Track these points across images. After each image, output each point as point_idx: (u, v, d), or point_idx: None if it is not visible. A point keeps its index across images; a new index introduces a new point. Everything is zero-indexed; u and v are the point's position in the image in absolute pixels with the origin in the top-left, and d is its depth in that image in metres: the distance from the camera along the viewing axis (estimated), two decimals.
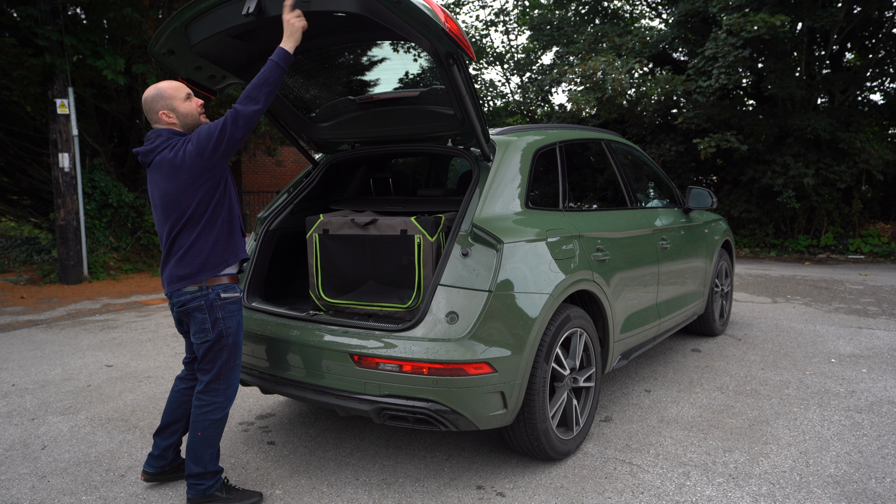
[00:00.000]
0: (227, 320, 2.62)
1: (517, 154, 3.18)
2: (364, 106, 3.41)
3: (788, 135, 11.71)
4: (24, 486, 2.93)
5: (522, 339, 2.74)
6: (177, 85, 2.66)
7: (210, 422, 2.63)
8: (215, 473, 2.67)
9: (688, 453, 3.17)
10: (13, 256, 11.15)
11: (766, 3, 10.77)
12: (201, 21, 2.76)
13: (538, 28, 15.72)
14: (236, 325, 2.65)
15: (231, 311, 2.64)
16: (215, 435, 2.65)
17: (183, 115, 2.63)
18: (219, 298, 2.60)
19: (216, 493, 2.66)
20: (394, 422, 2.69)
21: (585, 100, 11.53)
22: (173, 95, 2.62)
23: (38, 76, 8.61)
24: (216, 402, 2.64)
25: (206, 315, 2.59)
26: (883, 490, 2.78)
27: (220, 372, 2.64)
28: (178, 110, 2.62)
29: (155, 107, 2.61)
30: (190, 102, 2.65)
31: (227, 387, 2.67)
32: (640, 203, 4.29)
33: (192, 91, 2.70)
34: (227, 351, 2.63)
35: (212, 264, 2.59)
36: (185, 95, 2.65)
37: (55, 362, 4.99)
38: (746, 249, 12.34)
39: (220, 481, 2.69)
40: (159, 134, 2.59)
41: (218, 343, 2.61)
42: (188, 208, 2.54)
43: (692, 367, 4.63)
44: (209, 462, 2.64)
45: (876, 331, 5.70)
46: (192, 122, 2.65)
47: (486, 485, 2.88)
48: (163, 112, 2.61)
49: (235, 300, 2.66)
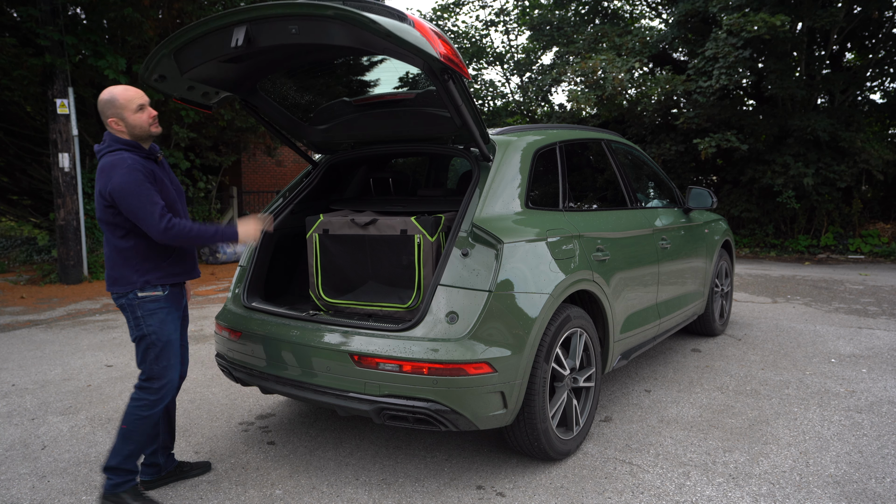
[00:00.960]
0: (147, 318, 2.64)
1: (517, 154, 3.18)
2: (360, 108, 3.41)
3: (788, 135, 11.71)
4: (24, 486, 2.93)
5: (522, 339, 2.74)
6: (131, 95, 2.64)
7: (137, 417, 2.62)
8: (129, 472, 2.64)
9: (688, 453, 3.17)
10: (13, 256, 11.16)
11: (766, 3, 10.77)
12: (190, 49, 2.78)
13: (538, 28, 15.72)
14: (159, 324, 2.65)
15: (150, 310, 2.64)
16: (139, 432, 2.62)
17: (131, 126, 2.63)
18: (136, 297, 2.63)
19: (123, 495, 2.62)
20: (394, 422, 2.69)
21: (585, 98, 11.53)
22: (124, 106, 2.62)
23: (39, 76, 8.61)
24: (147, 400, 2.64)
25: (129, 314, 2.66)
26: (883, 490, 2.78)
27: (151, 370, 2.65)
28: (126, 121, 2.62)
29: (106, 112, 2.63)
30: (141, 114, 2.64)
31: (163, 385, 2.67)
32: (640, 203, 4.29)
33: (147, 102, 2.67)
34: (153, 349, 2.64)
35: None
36: (137, 107, 2.63)
37: (55, 362, 4.99)
38: (746, 249, 12.34)
39: (133, 483, 2.66)
40: (105, 139, 2.65)
41: (143, 341, 2.64)
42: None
43: (692, 367, 4.63)
44: (125, 458, 2.62)
45: (876, 331, 5.70)
46: (141, 133, 2.65)
47: (486, 485, 2.88)
48: (112, 120, 2.62)
49: (155, 298, 2.66)
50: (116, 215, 2.58)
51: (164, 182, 2.68)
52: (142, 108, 2.65)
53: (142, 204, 2.50)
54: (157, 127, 2.70)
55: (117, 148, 2.60)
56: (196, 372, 4.68)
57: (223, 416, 3.78)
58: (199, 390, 4.26)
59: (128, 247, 2.62)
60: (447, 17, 17.40)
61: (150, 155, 2.69)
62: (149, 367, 2.65)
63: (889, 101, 12.60)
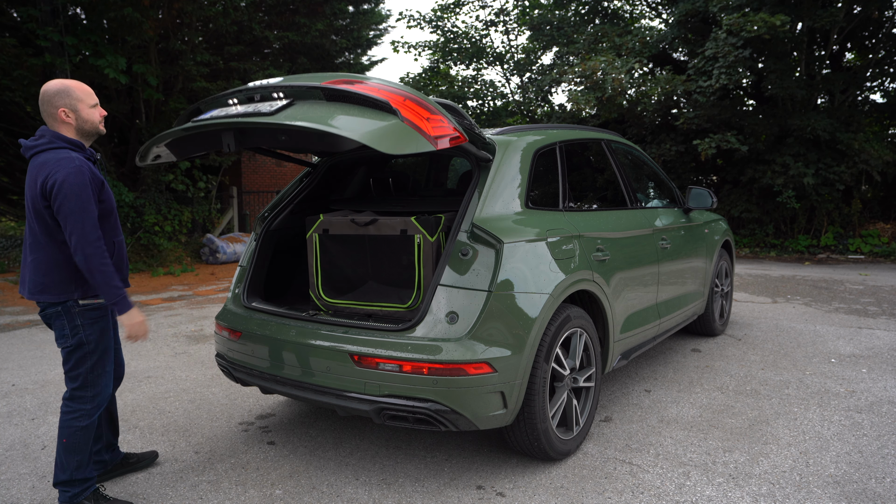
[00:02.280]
0: (88, 328, 2.54)
1: (517, 154, 3.18)
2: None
3: (788, 135, 11.71)
4: (24, 486, 2.93)
5: (522, 339, 2.74)
6: (87, 90, 2.57)
7: (75, 429, 2.54)
8: (84, 481, 2.59)
9: (688, 453, 3.17)
10: (13, 256, 11.15)
11: (766, 2, 10.77)
12: (183, 141, 2.84)
13: (538, 28, 15.72)
14: (100, 333, 2.56)
15: (92, 318, 2.55)
16: (82, 442, 2.56)
17: (83, 120, 2.54)
18: (76, 305, 2.52)
19: (84, 502, 2.58)
20: (394, 422, 2.69)
21: (585, 99, 11.53)
22: (81, 98, 2.52)
23: (39, 76, 8.61)
24: (82, 410, 2.56)
25: (65, 321, 2.53)
26: (883, 490, 2.78)
27: (85, 379, 2.56)
28: (79, 113, 2.52)
29: (56, 102, 2.49)
30: (95, 110, 2.58)
31: (97, 393, 2.59)
32: (640, 203, 4.29)
33: (98, 102, 2.63)
34: (90, 358, 2.55)
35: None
36: (94, 103, 2.58)
37: (55, 362, 4.99)
38: (746, 249, 12.34)
39: (91, 489, 2.62)
40: (43, 134, 2.51)
41: (78, 350, 2.54)
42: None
43: (692, 367, 4.63)
44: (75, 470, 2.55)
45: (876, 331, 5.70)
46: (91, 129, 2.58)
47: (486, 485, 2.88)
48: (63, 110, 2.49)
49: (97, 306, 2.56)
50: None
51: (104, 184, 2.56)
52: (95, 105, 2.59)
53: (82, 206, 2.38)
54: (103, 127, 2.64)
55: (61, 146, 2.47)
56: (196, 372, 4.68)
57: (223, 416, 3.78)
58: (199, 390, 4.26)
59: (67, 253, 2.47)
60: (447, 17, 17.40)
61: (90, 156, 2.59)
62: (84, 376, 2.55)
63: (889, 101, 12.61)
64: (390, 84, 2.55)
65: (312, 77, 2.67)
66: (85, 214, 2.39)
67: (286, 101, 2.53)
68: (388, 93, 2.43)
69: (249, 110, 2.57)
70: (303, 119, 2.36)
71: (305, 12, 11.39)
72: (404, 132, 2.31)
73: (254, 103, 2.66)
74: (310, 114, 2.42)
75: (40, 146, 2.48)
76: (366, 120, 2.33)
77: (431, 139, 2.35)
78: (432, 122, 2.41)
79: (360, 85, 2.51)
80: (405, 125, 2.32)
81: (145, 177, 10.70)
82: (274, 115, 2.45)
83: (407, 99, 2.42)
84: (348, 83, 2.53)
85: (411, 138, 2.31)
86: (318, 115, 2.41)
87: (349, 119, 2.34)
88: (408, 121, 2.34)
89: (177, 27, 10.08)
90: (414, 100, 2.44)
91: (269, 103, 2.57)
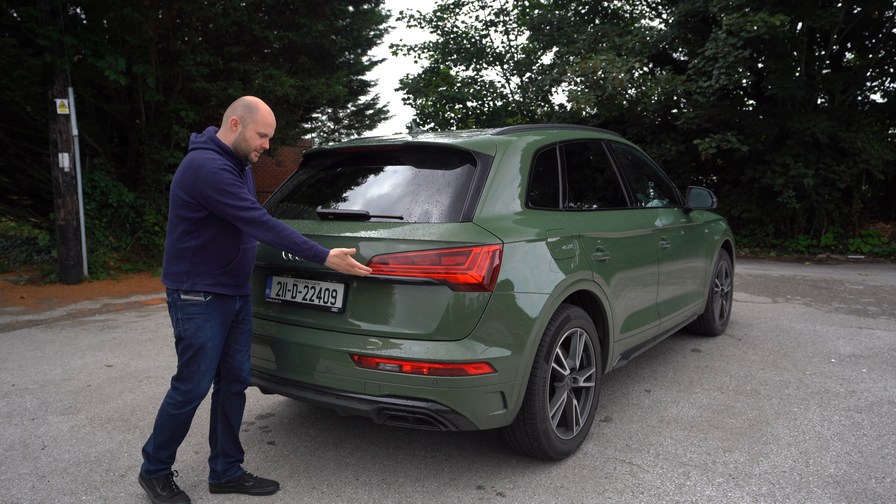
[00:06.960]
0: (185, 322, 2.60)
1: (517, 154, 3.18)
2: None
3: (788, 135, 11.71)
4: (24, 486, 2.93)
5: (522, 339, 2.74)
6: (270, 121, 2.64)
7: (166, 412, 2.65)
8: (160, 462, 2.71)
9: (688, 453, 3.17)
10: (13, 256, 11.15)
11: (766, 2, 10.77)
12: None
13: (538, 28, 15.72)
14: (195, 329, 2.60)
15: (190, 314, 2.60)
16: (167, 427, 2.66)
17: (242, 138, 2.60)
18: (179, 298, 2.61)
19: (153, 481, 2.71)
20: (394, 422, 2.69)
21: (586, 99, 11.53)
22: (257, 120, 2.59)
23: (38, 76, 8.61)
24: (174, 399, 2.65)
25: (172, 312, 2.65)
26: (883, 490, 2.78)
27: (181, 372, 2.65)
28: (245, 130, 2.59)
29: (236, 111, 2.60)
30: (259, 139, 2.63)
31: (190, 389, 2.63)
32: (640, 203, 4.29)
33: (269, 137, 2.69)
34: (186, 352, 2.61)
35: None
36: (264, 133, 2.63)
37: (55, 362, 4.99)
38: (746, 249, 12.34)
39: (165, 473, 2.72)
40: (205, 133, 2.63)
41: (179, 342, 2.64)
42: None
43: (692, 367, 4.63)
44: (156, 449, 2.68)
45: (876, 331, 5.70)
46: (244, 149, 2.62)
47: (486, 485, 2.88)
48: (235, 119, 2.59)
49: (196, 303, 2.60)
50: (189, 209, 2.52)
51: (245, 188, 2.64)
52: (264, 136, 2.64)
53: (235, 192, 2.47)
54: (256, 158, 2.68)
55: (212, 147, 2.57)
56: None
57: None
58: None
59: (187, 246, 2.57)
60: (447, 18, 17.39)
61: (238, 164, 2.65)
62: (181, 368, 2.64)
63: (889, 101, 12.60)
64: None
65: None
66: (239, 198, 2.48)
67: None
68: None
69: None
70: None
71: (305, 12, 11.38)
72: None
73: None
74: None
75: (199, 143, 2.61)
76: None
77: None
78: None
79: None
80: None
81: (145, 177, 10.69)
82: None
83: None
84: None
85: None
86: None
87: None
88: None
89: (177, 27, 10.08)
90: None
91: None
